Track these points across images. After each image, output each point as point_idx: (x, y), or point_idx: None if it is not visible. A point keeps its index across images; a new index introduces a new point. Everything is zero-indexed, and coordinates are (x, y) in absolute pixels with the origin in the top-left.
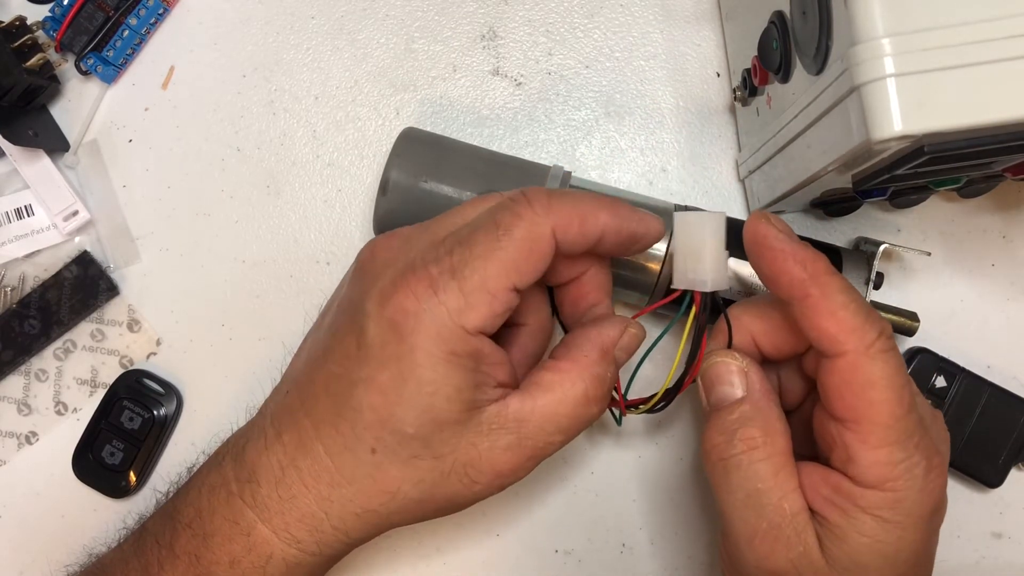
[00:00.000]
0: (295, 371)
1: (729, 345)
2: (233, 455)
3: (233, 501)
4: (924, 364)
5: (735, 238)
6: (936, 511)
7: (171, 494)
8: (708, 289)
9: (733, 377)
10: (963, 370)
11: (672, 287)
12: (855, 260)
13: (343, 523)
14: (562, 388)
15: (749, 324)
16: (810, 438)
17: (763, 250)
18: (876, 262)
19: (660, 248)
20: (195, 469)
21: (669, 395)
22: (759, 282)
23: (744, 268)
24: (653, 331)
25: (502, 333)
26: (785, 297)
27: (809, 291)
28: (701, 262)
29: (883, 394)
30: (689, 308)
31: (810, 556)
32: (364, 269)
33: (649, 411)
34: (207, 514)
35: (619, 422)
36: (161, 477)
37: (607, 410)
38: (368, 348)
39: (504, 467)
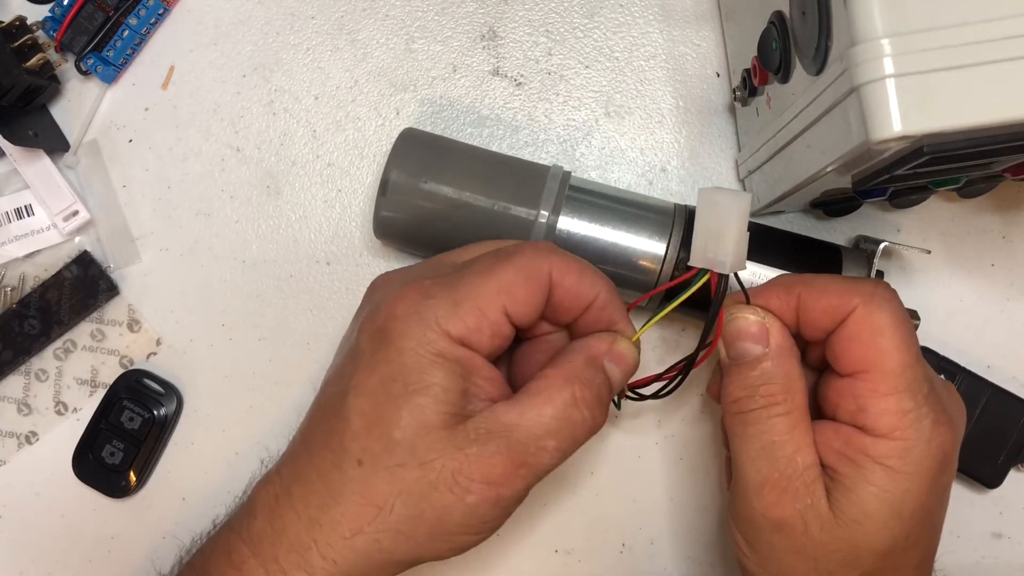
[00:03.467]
0: (306, 415)
1: (748, 301)
2: (242, 498)
3: (231, 537)
4: None
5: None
6: (943, 467)
7: (194, 549)
8: (727, 271)
9: (753, 332)
10: (964, 370)
11: (689, 264)
12: (855, 258)
13: (331, 550)
14: (548, 391)
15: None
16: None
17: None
18: (876, 260)
19: (659, 248)
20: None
21: (684, 372)
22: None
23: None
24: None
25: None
26: (793, 323)
27: (798, 293)
28: (723, 243)
29: (891, 340)
30: (705, 295)
31: (817, 508)
32: (365, 299)
33: (655, 396)
34: (208, 551)
35: (618, 406)
36: (169, 484)
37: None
38: (359, 356)
39: (494, 473)
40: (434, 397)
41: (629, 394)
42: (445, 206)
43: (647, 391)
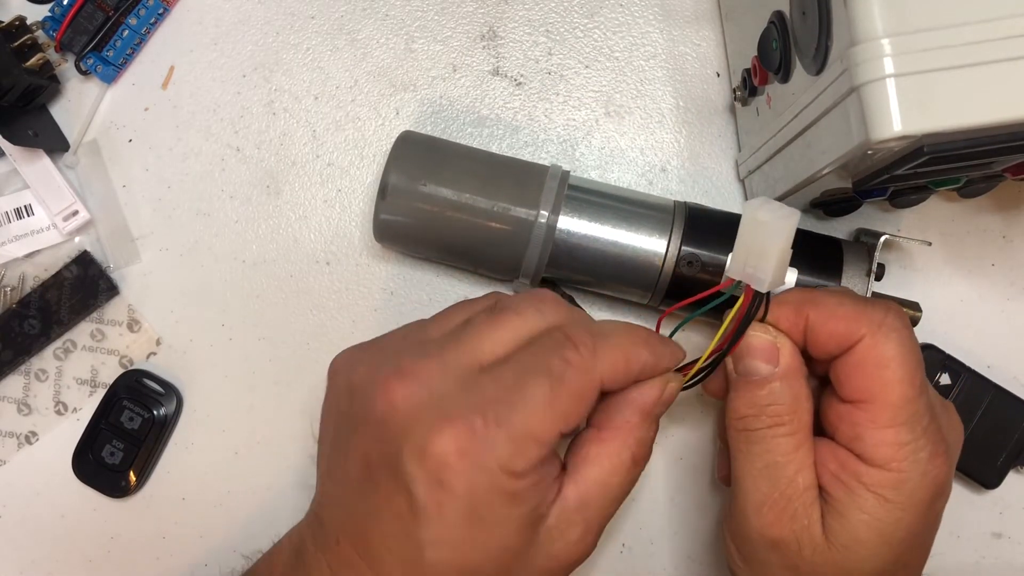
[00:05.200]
0: (335, 516)
1: (764, 319)
2: None
3: None
4: (930, 360)
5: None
6: (937, 498)
7: None
8: (765, 289)
9: (765, 351)
10: (968, 369)
11: (726, 275)
12: (856, 252)
13: None
14: (609, 460)
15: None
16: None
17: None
18: (877, 253)
19: (660, 246)
20: None
21: (698, 380)
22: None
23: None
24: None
25: None
26: (802, 342)
27: (807, 313)
28: (766, 261)
29: (896, 374)
30: (731, 298)
31: (811, 531)
32: (386, 421)
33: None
34: None
35: None
36: (169, 484)
37: None
38: (424, 510)
39: (580, 555)
40: (516, 531)
41: None
42: (445, 208)
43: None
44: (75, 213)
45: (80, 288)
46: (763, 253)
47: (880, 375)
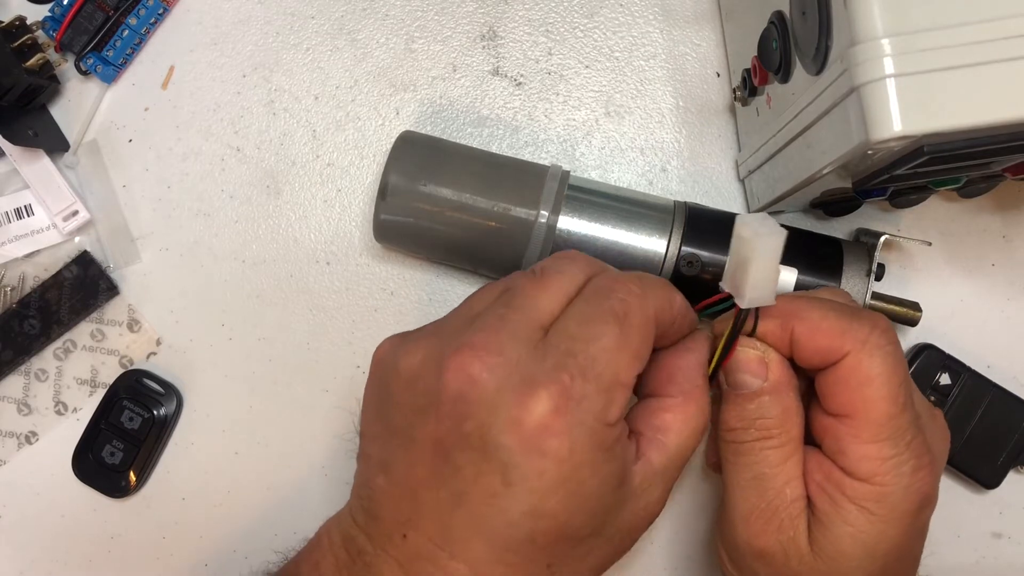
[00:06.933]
0: (399, 510)
1: (753, 332)
2: None
3: None
4: (930, 360)
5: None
6: (921, 509)
7: None
8: (743, 305)
9: (753, 365)
10: (968, 369)
11: (719, 285)
12: (856, 251)
13: None
14: (687, 424)
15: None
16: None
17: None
18: (877, 253)
19: (660, 246)
20: None
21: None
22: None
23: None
24: None
25: None
26: (790, 353)
27: (792, 327)
28: (744, 278)
29: (879, 391)
30: (729, 306)
31: (797, 542)
32: (464, 399)
33: None
34: None
35: None
36: (169, 484)
37: None
38: (523, 482)
39: (657, 512)
40: (612, 488)
41: None
42: (445, 208)
43: None
44: (75, 213)
45: (80, 288)
46: (744, 269)
47: (863, 392)
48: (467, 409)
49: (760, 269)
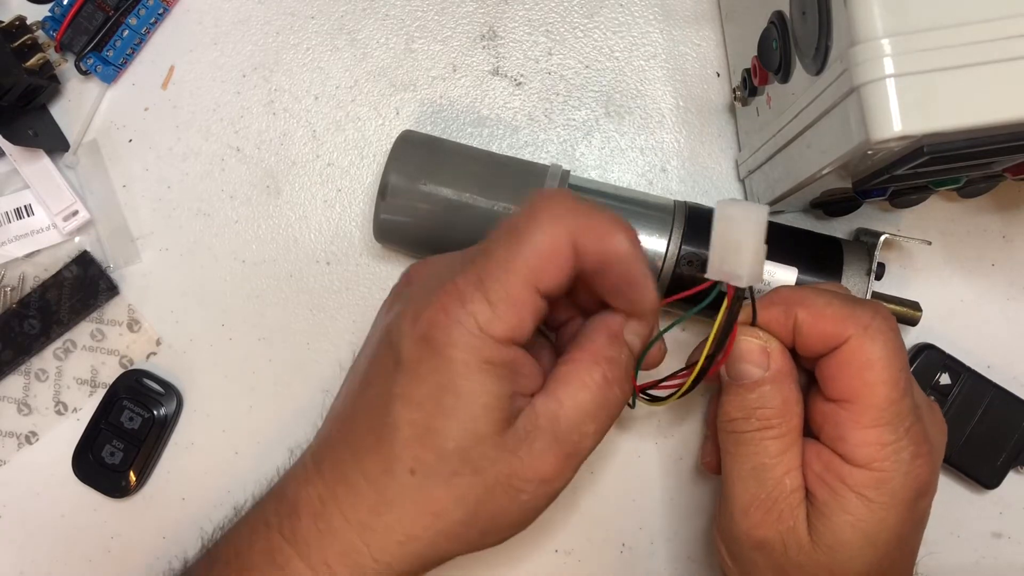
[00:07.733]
0: (335, 408)
1: (753, 322)
2: (275, 493)
3: (272, 536)
4: (930, 360)
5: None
6: (920, 497)
7: (216, 536)
8: (744, 284)
9: (755, 355)
10: (968, 369)
11: (705, 276)
12: (856, 251)
13: (385, 554)
14: (579, 376)
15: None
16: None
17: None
18: (877, 252)
19: (660, 245)
20: (242, 511)
21: (696, 380)
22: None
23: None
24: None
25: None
26: (793, 343)
27: (796, 313)
28: (740, 255)
29: (880, 375)
30: (716, 300)
31: (797, 532)
32: (399, 294)
33: (669, 399)
34: (245, 551)
35: (632, 404)
36: (169, 484)
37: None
38: (404, 364)
39: (547, 470)
40: (485, 407)
41: (643, 395)
42: (445, 208)
43: (661, 393)
44: (75, 213)
45: (80, 288)
46: (738, 248)
47: (864, 376)
48: (395, 301)
49: (757, 244)
